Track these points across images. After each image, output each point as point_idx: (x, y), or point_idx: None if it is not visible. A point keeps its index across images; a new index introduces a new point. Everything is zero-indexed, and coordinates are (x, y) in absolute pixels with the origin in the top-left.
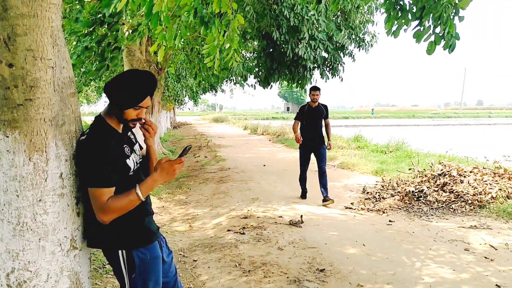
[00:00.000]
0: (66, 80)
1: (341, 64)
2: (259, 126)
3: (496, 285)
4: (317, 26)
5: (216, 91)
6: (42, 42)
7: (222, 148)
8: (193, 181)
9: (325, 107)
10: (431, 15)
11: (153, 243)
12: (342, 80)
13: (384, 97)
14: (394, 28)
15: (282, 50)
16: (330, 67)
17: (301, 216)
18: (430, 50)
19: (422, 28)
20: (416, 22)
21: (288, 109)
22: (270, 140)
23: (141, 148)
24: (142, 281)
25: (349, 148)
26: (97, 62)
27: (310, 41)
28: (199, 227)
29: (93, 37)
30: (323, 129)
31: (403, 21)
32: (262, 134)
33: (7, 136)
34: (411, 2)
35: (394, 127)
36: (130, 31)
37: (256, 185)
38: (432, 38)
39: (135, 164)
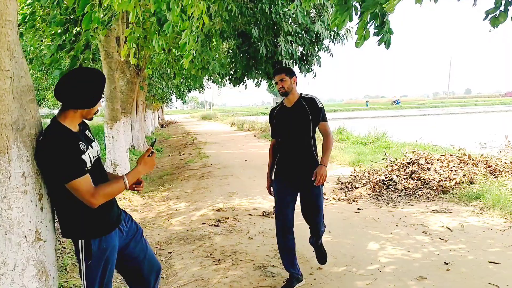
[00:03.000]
0: (25, 88)
1: (317, 58)
2: (245, 122)
3: (444, 262)
4: (295, 20)
5: (203, 89)
6: (0, 55)
7: (208, 145)
8: (176, 178)
9: (312, 101)
10: (369, 12)
11: (111, 233)
12: (315, 76)
13: (374, 89)
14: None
15: (257, 47)
16: (306, 61)
17: (274, 207)
18: (358, 43)
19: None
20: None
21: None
22: (255, 136)
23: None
24: (96, 268)
25: None
26: (69, 62)
27: (287, 36)
28: (177, 222)
29: (67, 36)
30: (315, 145)
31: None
32: (248, 130)
33: None
34: None
35: (381, 118)
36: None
37: (235, 180)
38: (364, 32)
39: (92, 158)
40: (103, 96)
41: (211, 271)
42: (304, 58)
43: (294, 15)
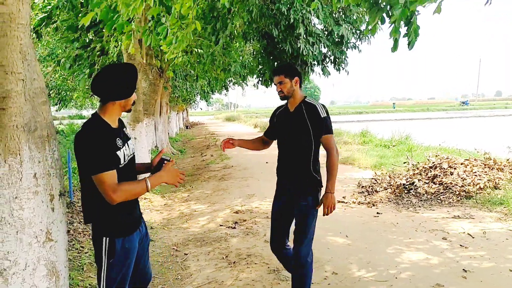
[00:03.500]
0: (37, 91)
1: (345, 57)
2: (267, 125)
3: (463, 269)
4: (313, 22)
5: (226, 90)
6: (12, 58)
7: None
8: (196, 179)
9: (313, 110)
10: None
11: (134, 234)
12: (348, 73)
13: (400, 91)
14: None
15: (281, 48)
16: (334, 62)
17: None
18: (394, 48)
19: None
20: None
21: None
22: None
23: None
24: (118, 268)
25: (353, 143)
26: (88, 69)
27: (308, 38)
28: (195, 223)
29: (80, 42)
30: (316, 162)
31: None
32: None
33: None
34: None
35: (406, 121)
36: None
37: (255, 182)
38: (398, 36)
39: (126, 157)
40: (137, 87)
41: (225, 273)
42: (325, 59)
43: (315, 16)
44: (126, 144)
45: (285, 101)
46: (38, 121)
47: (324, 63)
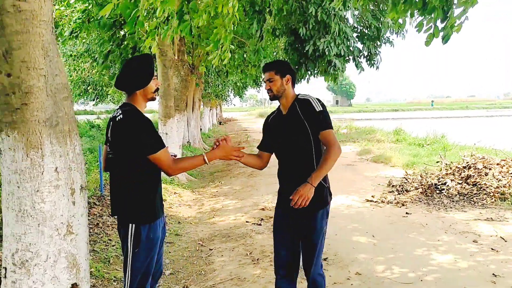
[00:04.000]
0: (59, 86)
1: (378, 53)
2: None
3: (493, 274)
4: (346, 17)
5: (258, 86)
6: (34, 54)
7: None
8: (226, 175)
9: (307, 104)
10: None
11: (156, 223)
12: (377, 69)
13: (439, 88)
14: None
15: (306, 45)
16: (368, 58)
17: None
18: (428, 42)
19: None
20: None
21: (337, 102)
22: None
23: None
24: (143, 257)
25: (386, 141)
26: (120, 65)
27: (336, 37)
28: (222, 219)
29: (114, 39)
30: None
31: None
32: None
33: (8, 136)
34: None
35: (444, 119)
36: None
37: None
38: (432, 30)
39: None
40: (155, 75)
41: (248, 270)
42: (359, 55)
43: (348, 11)
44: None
45: (276, 101)
46: (60, 116)
47: (358, 59)
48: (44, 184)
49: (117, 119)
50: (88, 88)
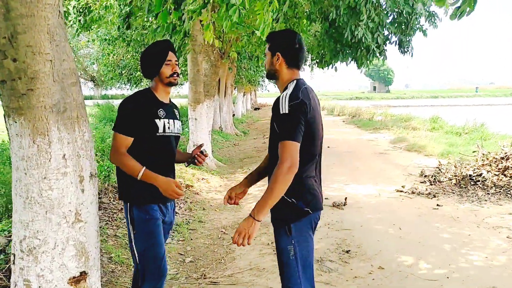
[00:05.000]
0: (66, 71)
1: (409, 41)
2: (336, 107)
3: None
4: (376, 6)
5: None
6: (39, 39)
7: None
8: (255, 162)
9: (277, 101)
10: None
11: (151, 205)
12: (412, 56)
13: (482, 75)
14: None
15: (342, 32)
16: (399, 45)
17: (345, 198)
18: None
19: None
20: None
21: (374, 88)
22: (343, 121)
23: None
24: (143, 240)
25: (422, 129)
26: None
27: (368, 23)
28: (246, 206)
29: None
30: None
31: None
32: (338, 115)
33: (16, 122)
34: None
35: (485, 106)
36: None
37: None
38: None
39: (167, 130)
40: (170, 60)
41: (268, 260)
42: (386, 43)
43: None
44: (171, 120)
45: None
46: (67, 102)
47: (383, 46)
48: (52, 171)
49: None
50: (123, 72)
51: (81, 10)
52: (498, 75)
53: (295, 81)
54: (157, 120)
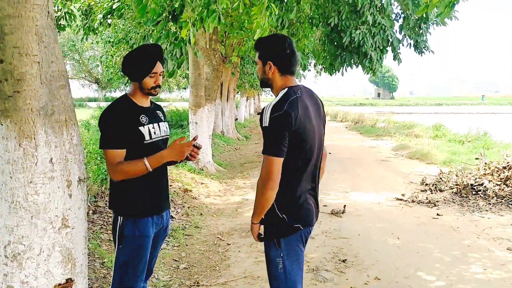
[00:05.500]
0: (55, 74)
1: (424, 41)
2: (339, 113)
3: None
4: (380, 9)
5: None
6: (27, 40)
7: None
8: (255, 167)
9: (262, 112)
10: None
11: (146, 219)
12: (433, 52)
13: (487, 83)
14: None
15: (341, 36)
16: (415, 46)
17: (344, 206)
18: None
19: None
20: None
21: (378, 95)
22: (346, 128)
23: None
24: (126, 255)
25: (425, 137)
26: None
27: (371, 28)
28: (244, 212)
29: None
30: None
31: None
32: (341, 121)
33: (1, 124)
34: None
35: (490, 115)
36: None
37: None
38: None
39: (154, 135)
40: (156, 71)
41: (263, 268)
42: (398, 45)
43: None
44: (156, 124)
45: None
46: (55, 105)
47: (397, 50)
48: (38, 175)
49: None
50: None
51: (85, 13)
52: (503, 84)
53: (285, 89)
54: (141, 128)
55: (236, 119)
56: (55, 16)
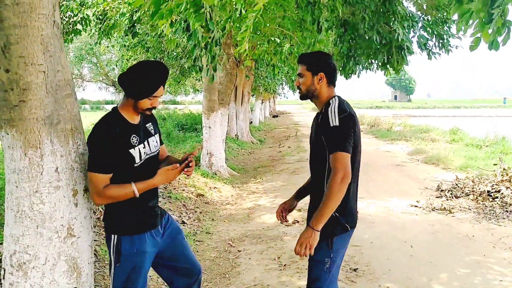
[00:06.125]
0: (61, 83)
1: (448, 40)
2: None
3: None
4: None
5: None
6: (32, 49)
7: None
8: (269, 171)
9: (325, 115)
10: None
11: (142, 235)
12: (453, 48)
13: (506, 87)
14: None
15: (366, 35)
16: (440, 45)
17: (357, 212)
18: (473, 47)
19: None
20: None
21: (395, 97)
22: (362, 131)
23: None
24: (123, 273)
25: (441, 141)
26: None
27: (403, 22)
28: (256, 218)
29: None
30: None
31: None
32: None
33: (8, 134)
34: None
35: (509, 118)
36: None
37: None
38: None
39: (143, 155)
40: (156, 95)
41: (273, 277)
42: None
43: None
44: (146, 142)
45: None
46: (61, 114)
47: (427, 46)
48: (44, 184)
49: None
50: None
51: (100, 17)
52: None
53: (337, 97)
54: (131, 150)
55: (251, 122)
56: (72, 21)
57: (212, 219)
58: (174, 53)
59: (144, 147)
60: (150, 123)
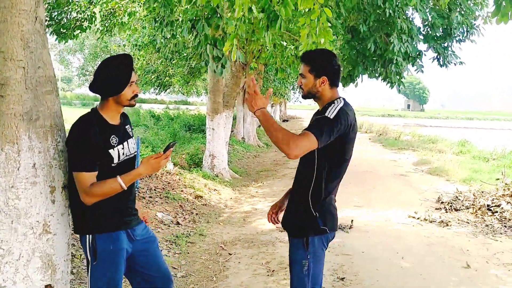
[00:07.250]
0: (41, 79)
1: (451, 52)
2: (364, 124)
3: None
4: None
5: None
6: (12, 45)
7: None
8: (270, 175)
9: (324, 109)
10: None
11: (117, 232)
12: (461, 63)
13: None
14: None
15: (366, 43)
16: (437, 58)
17: (352, 221)
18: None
19: None
20: None
21: (408, 106)
22: (370, 139)
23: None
24: (101, 271)
25: (448, 152)
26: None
27: (401, 35)
28: (251, 222)
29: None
30: (321, 185)
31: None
32: (365, 132)
33: None
34: None
35: None
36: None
37: None
38: None
39: (122, 156)
40: (132, 80)
41: (260, 282)
42: (419, 55)
43: (414, 9)
44: (125, 143)
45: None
46: (40, 110)
47: (418, 59)
48: (20, 180)
49: None
50: (152, 77)
51: (106, 15)
52: None
53: (342, 100)
54: (111, 151)
55: (259, 126)
56: (79, 18)
57: (208, 221)
58: (184, 54)
59: (123, 148)
60: (129, 125)
